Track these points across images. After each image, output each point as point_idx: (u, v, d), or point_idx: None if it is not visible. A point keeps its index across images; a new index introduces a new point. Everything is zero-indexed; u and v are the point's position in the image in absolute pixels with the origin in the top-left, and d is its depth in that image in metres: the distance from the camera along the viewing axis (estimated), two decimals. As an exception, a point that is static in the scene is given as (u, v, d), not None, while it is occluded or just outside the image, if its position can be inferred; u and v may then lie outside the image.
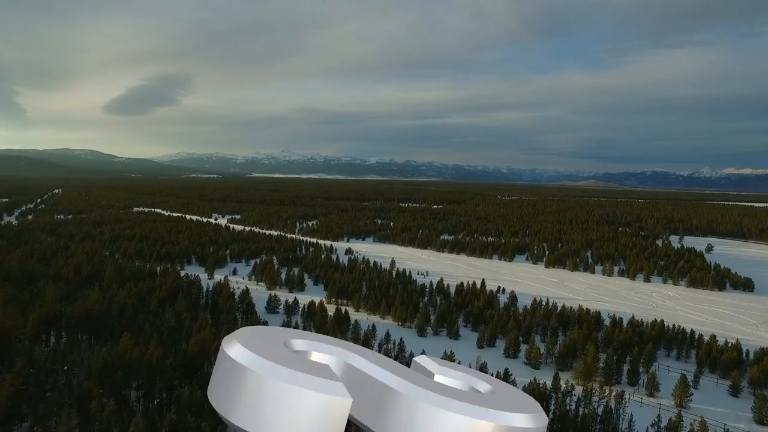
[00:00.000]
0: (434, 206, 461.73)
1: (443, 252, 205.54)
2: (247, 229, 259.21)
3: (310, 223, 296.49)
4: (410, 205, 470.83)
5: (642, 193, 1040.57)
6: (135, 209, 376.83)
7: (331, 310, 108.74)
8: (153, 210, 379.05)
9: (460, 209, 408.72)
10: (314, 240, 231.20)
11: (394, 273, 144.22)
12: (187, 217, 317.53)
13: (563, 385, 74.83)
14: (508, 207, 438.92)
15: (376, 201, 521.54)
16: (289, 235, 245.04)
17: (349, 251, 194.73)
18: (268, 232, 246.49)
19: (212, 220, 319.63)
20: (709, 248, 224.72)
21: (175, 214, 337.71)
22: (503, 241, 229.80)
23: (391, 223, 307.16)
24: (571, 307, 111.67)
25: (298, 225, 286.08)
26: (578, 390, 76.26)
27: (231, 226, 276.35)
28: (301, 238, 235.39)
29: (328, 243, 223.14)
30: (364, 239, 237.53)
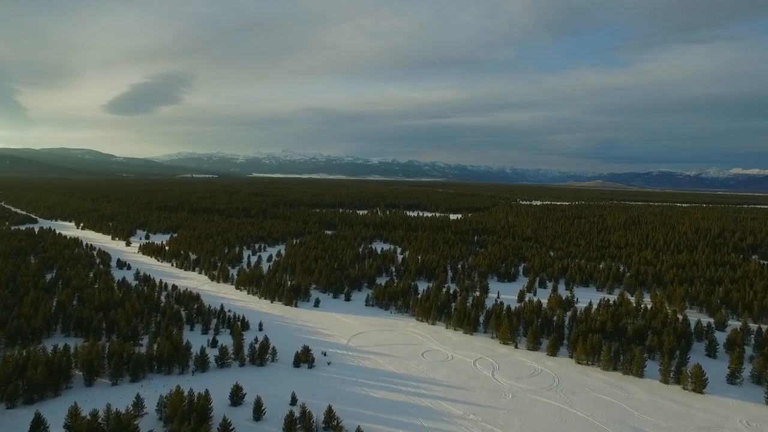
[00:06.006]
0: (452, 215, 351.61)
1: (518, 347, 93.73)
2: (147, 269, 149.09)
3: (268, 253, 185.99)
4: (421, 214, 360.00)
5: (653, 195, 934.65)
6: (38, 222, 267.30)
7: None
8: (60, 225, 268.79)
9: (489, 221, 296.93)
10: (253, 303, 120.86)
11: None
12: (87, 240, 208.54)
13: None
14: (549, 217, 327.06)
15: (376, 208, 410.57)
16: (216, 286, 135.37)
17: (310, 364, 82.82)
18: (176, 280, 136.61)
19: (125, 245, 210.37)
20: None
21: (78, 234, 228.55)
22: (624, 306, 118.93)
23: (399, 251, 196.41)
24: None
25: (246, 257, 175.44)
26: None
27: (129, 261, 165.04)
28: (229, 298, 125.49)
29: (276, 313, 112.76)
30: (348, 298, 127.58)
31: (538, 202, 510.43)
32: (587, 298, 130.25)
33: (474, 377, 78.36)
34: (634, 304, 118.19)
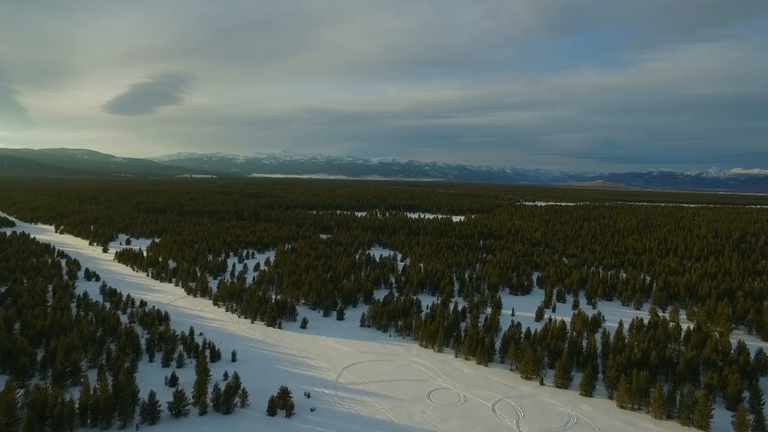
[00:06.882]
0: (455, 218, 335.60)
1: (544, 383, 77.38)
2: (117, 281, 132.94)
3: (256, 260, 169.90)
4: (422, 215, 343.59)
5: (655, 195, 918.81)
6: (16, 225, 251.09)
7: None
8: (38, 228, 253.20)
9: (494, 224, 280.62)
10: (230, 324, 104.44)
11: None
12: (62, 246, 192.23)
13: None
14: (556, 219, 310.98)
15: (375, 210, 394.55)
16: (192, 301, 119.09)
17: (289, 411, 66.33)
18: (147, 294, 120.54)
19: (101, 251, 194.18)
20: None
21: (54, 239, 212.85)
22: (663, 328, 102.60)
23: (400, 258, 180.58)
24: None
25: (231, 266, 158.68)
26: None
27: (101, 270, 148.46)
28: (203, 317, 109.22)
29: (256, 337, 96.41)
30: (341, 316, 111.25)
31: (542, 203, 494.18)
32: (614, 315, 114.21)
33: (495, 430, 62.03)
34: (672, 324, 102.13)
